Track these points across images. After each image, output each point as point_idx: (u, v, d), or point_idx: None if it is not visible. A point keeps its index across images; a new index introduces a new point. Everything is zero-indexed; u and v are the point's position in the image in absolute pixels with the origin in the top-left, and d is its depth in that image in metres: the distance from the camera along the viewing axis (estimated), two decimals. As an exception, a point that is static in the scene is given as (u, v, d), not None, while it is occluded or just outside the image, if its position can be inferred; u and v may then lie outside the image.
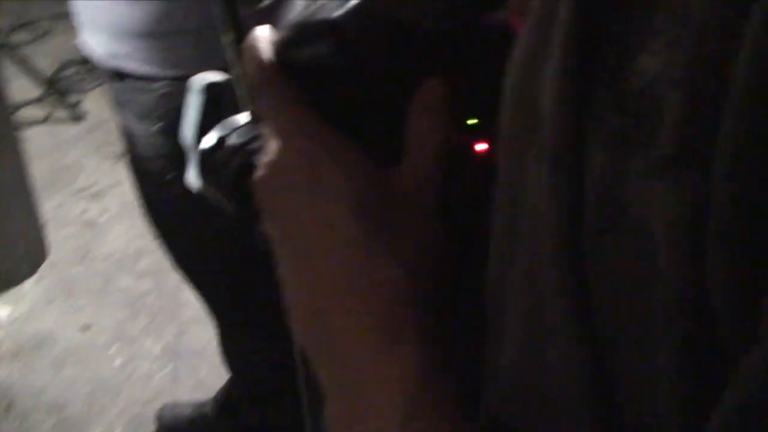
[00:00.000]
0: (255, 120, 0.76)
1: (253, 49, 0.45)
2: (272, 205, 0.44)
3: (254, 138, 0.74)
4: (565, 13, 0.31)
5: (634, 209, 0.28)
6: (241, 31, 0.68)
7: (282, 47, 0.43)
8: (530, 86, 0.33)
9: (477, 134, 0.46)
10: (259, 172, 0.45)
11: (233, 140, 0.74)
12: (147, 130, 1.44)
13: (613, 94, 0.29)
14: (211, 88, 0.75)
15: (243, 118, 0.77)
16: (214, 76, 0.76)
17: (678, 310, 0.27)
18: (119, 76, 1.43)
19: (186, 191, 1.44)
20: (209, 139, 0.76)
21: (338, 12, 0.41)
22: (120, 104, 1.47)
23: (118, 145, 2.91)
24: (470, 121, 0.47)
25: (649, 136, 0.28)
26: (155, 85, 1.40)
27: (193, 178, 0.81)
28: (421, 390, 0.39)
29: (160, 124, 1.42)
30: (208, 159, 0.74)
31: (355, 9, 0.41)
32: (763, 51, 0.24)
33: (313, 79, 0.42)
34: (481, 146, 0.46)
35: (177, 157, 1.43)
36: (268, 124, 0.45)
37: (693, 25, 0.27)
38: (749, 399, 0.24)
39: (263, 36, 0.46)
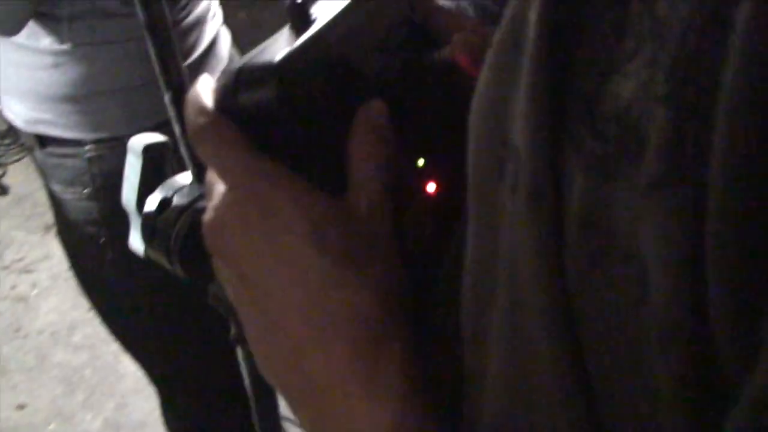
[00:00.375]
0: (199, 179, 0.74)
1: (194, 97, 0.44)
2: (225, 249, 0.43)
3: (200, 197, 0.72)
4: (531, 42, 0.30)
5: (622, 236, 0.27)
6: (181, 89, 0.66)
7: (223, 93, 0.43)
8: (498, 117, 0.33)
9: (426, 174, 0.46)
10: (207, 216, 0.44)
11: (178, 201, 0.72)
12: (76, 196, 1.40)
13: (588, 120, 0.29)
14: (150, 150, 0.73)
15: (185, 178, 0.76)
16: (152, 137, 0.74)
17: (673, 338, 0.26)
18: (43, 142, 1.39)
19: (120, 255, 1.42)
20: (152, 202, 0.75)
21: (278, 56, 0.41)
22: (47, 171, 1.43)
23: (46, 217, 2.83)
24: (419, 162, 0.46)
25: (634, 158, 0.27)
26: (82, 149, 1.36)
27: (136, 242, 0.79)
28: (406, 410, 0.38)
29: (90, 189, 1.39)
30: (152, 222, 0.73)
31: (295, 52, 0.42)
32: (752, 52, 0.23)
33: (255, 122, 0.42)
34: (431, 186, 0.46)
35: (109, 222, 1.41)
36: (212, 168, 0.44)
37: (671, 40, 0.26)
38: (752, 423, 0.24)
39: (204, 84, 0.45)
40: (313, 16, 0.44)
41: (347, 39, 0.45)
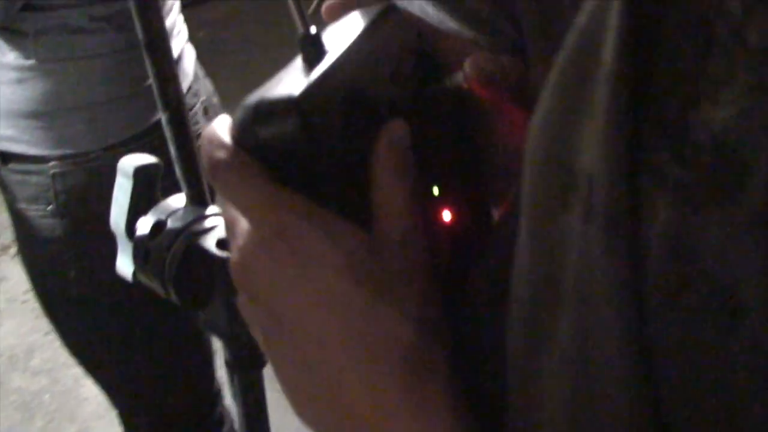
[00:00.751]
0: (193, 202, 0.73)
1: (212, 133, 0.43)
2: (256, 288, 0.42)
3: (195, 221, 0.71)
4: (609, 67, 0.30)
5: (713, 267, 0.27)
6: (180, 109, 0.65)
7: (241, 127, 0.42)
8: (562, 143, 0.32)
9: (442, 203, 0.46)
10: (233, 256, 0.43)
11: (172, 224, 0.71)
12: (40, 213, 1.37)
13: (674, 148, 0.28)
14: (141, 171, 0.72)
15: (179, 200, 0.74)
16: (143, 159, 0.73)
17: None
18: (6, 159, 1.36)
19: (84, 274, 1.40)
20: (144, 225, 0.73)
21: (298, 89, 0.41)
22: (9, 188, 1.40)
23: (1, 238, 2.75)
24: (434, 191, 0.46)
25: (732, 189, 0.26)
26: (46, 166, 1.34)
27: (124, 266, 0.77)
28: None
29: (53, 206, 1.36)
30: (145, 246, 0.71)
31: (314, 84, 0.41)
32: None
33: (276, 156, 0.42)
34: (447, 215, 0.46)
35: (73, 239, 1.39)
36: (234, 204, 0.43)
37: None
38: None
39: (221, 121, 0.44)
40: (325, 47, 0.44)
41: (362, 69, 0.45)
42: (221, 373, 1.63)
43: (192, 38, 1.49)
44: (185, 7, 1.47)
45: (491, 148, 0.51)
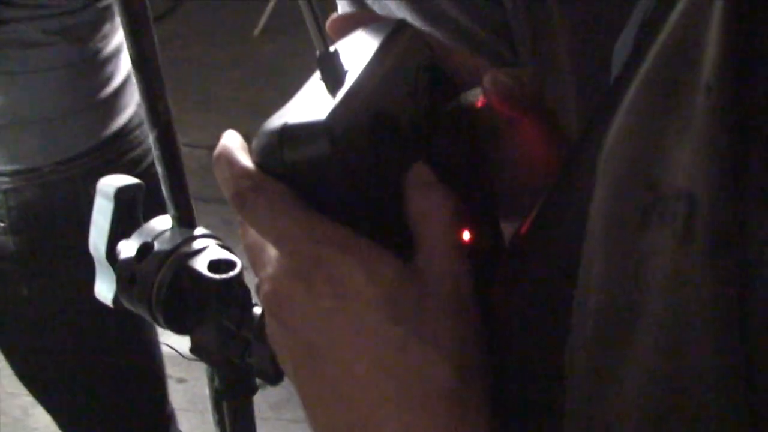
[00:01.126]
0: (180, 224, 0.71)
1: (230, 157, 0.42)
2: (289, 319, 0.40)
3: (183, 243, 0.69)
4: (710, 84, 0.29)
5: None
6: (169, 127, 0.63)
7: (267, 152, 0.41)
8: (647, 163, 0.32)
9: (461, 222, 0.45)
10: (266, 287, 0.41)
11: (159, 247, 0.68)
12: (-10, 231, 1.32)
13: None
14: (123, 193, 0.69)
15: (164, 222, 0.72)
16: (124, 180, 0.70)
17: None
18: (-47, 175, 1.31)
19: (37, 293, 1.35)
20: (128, 248, 0.70)
21: (324, 111, 0.40)
22: (-42, 206, 1.35)
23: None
24: None
25: None
26: (-3, 181, 1.29)
27: (104, 291, 0.74)
28: None
29: (5, 223, 1.31)
30: (130, 270, 0.68)
31: (341, 106, 0.41)
32: None
33: (306, 182, 0.40)
34: (466, 234, 0.45)
35: (25, 257, 1.34)
36: (263, 232, 0.41)
37: None
38: None
39: (233, 141, 0.43)
40: (344, 66, 0.44)
41: (384, 89, 0.44)
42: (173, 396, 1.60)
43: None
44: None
45: (507, 164, 0.51)
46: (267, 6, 3.82)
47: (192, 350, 0.69)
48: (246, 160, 0.42)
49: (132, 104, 1.31)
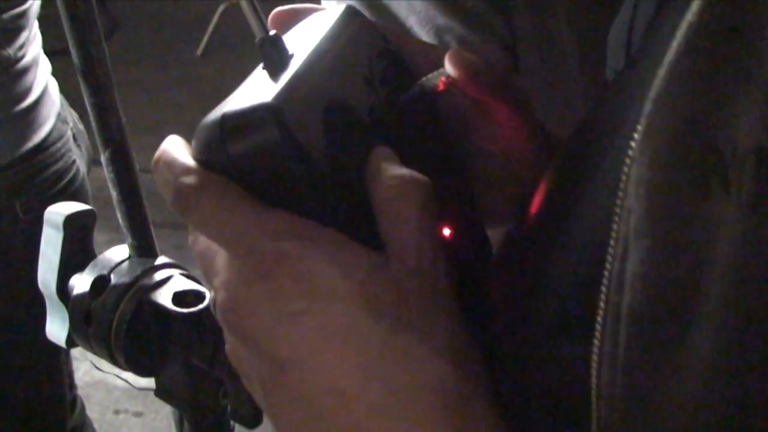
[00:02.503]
0: (139, 253, 0.64)
1: (169, 157, 0.37)
2: (250, 332, 0.35)
3: (143, 274, 0.62)
4: None
5: None
6: (123, 145, 0.56)
7: (207, 146, 0.36)
8: (704, 120, 0.28)
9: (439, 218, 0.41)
10: (219, 296, 0.36)
11: (117, 280, 0.61)
12: None
13: None
14: (73, 221, 0.62)
15: (120, 252, 0.65)
16: (73, 207, 0.63)
17: None
18: None
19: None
20: (82, 283, 0.63)
21: (269, 94, 0.35)
22: None
23: None
24: None
25: None
26: None
27: (56, 330, 0.67)
28: None
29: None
30: (85, 307, 0.61)
31: (288, 88, 0.36)
32: None
33: (255, 173, 0.36)
34: (445, 230, 0.41)
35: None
36: (211, 235, 0.36)
37: None
38: None
39: (174, 142, 0.38)
40: (288, 51, 0.39)
41: (335, 73, 0.40)
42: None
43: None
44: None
45: (476, 153, 0.47)
46: (208, 26, 3.76)
47: (157, 393, 0.62)
48: (187, 159, 0.36)
49: (51, 117, 1.27)
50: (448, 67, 0.43)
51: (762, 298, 0.27)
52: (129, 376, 2.43)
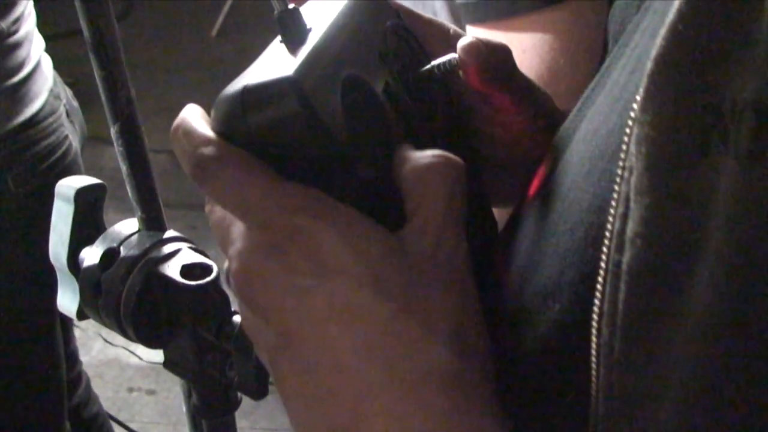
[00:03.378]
0: (148, 226, 0.64)
1: (188, 127, 0.37)
2: (262, 301, 0.36)
3: (152, 247, 0.62)
4: None
5: None
6: (132, 119, 0.57)
7: (228, 117, 0.36)
8: (705, 79, 0.28)
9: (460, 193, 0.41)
10: (233, 265, 0.36)
11: (126, 253, 0.62)
12: None
13: None
14: (83, 194, 0.63)
15: (130, 226, 0.66)
16: (84, 180, 0.64)
17: None
18: None
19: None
20: (92, 255, 0.64)
21: (289, 68, 0.36)
22: None
23: None
24: None
25: None
26: None
27: (67, 302, 0.68)
28: None
29: None
30: (95, 279, 0.62)
31: (308, 62, 0.37)
32: None
33: (275, 146, 0.36)
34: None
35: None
36: (229, 206, 0.37)
37: None
38: None
39: (193, 111, 0.38)
40: (307, 24, 0.40)
41: (351, 47, 0.41)
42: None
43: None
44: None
45: (484, 140, 0.48)
46: (223, 6, 3.76)
47: (166, 365, 0.63)
48: (206, 130, 0.37)
49: (44, 92, 1.27)
50: (461, 54, 0.43)
51: (759, 246, 0.27)
52: (142, 351, 2.44)
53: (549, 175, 0.40)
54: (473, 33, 0.70)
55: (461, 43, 0.43)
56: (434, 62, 0.45)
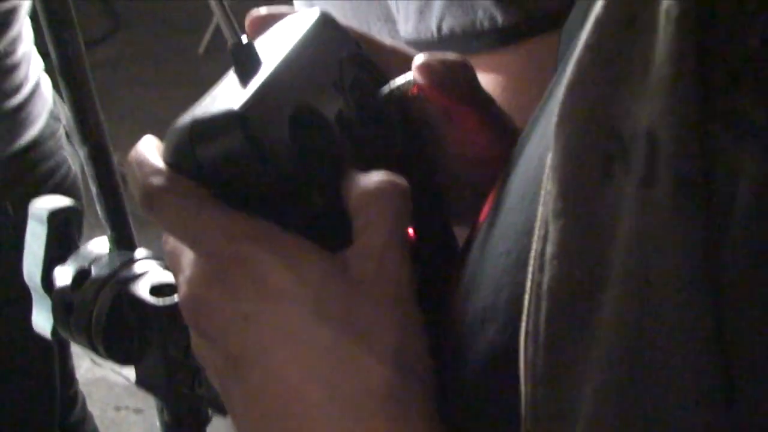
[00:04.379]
0: (118, 245, 0.65)
1: (141, 158, 0.39)
2: (210, 327, 0.37)
3: (122, 267, 0.63)
4: (672, 10, 0.27)
5: None
6: (101, 142, 0.58)
7: (176, 149, 0.38)
8: (604, 110, 0.30)
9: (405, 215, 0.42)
10: (182, 292, 0.38)
11: (97, 272, 0.63)
12: None
13: (758, 89, 0.25)
14: (57, 215, 0.64)
15: (101, 245, 0.67)
16: (58, 201, 0.65)
17: None
18: None
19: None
20: (64, 275, 0.65)
21: (236, 102, 0.37)
22: None
23: None
24: None
25: None
26: None
27: (42, 322, 0.69)
28: None
29: None
30: (67, 298, 0.63)
31: (256, 95, 0.38)
32: None
33: (221, 177, 0.38)
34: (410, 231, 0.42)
35: None
36: (178, 235, 0.38)
37: None
38: None
39: (147, 143, 0.40)
40: (259, 58, 0.41)
41: (304, 79, 0.42)
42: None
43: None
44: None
45: (446, 159, 0.49)
46: (210, 24, 3.78)
47: (137, 383, 0.64)
48: (157, 160, 0.39)
49: (43, 114, 1.26)
50: (416, 75, 0.44)
51: (652, 272, 0.28)
52: (129, 372, 2.46)
53: (496, 199, 0.41)
54: None
55: (416, 62, 0.44)
56: (391, 84, 0.46)
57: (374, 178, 0.39)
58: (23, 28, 1.22)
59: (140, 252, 0.65)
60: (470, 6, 0.68)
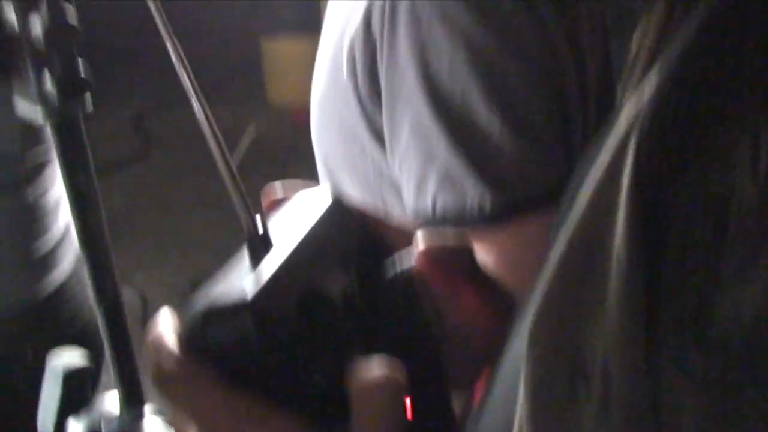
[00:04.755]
0: (128, 406, 0.68)
1: (157, 339, 0.43)
2: None
3: (132, 423, 0.66)
4: (620, 257, 0.29)
5: None
6: (117, 304, 0.61)
7: (191, 333, 0.43)
8: (568, 333, 0.32)
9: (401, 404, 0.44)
10: None
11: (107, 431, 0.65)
12: None
13: (698, 337, 0.27)
14: (71, 377, 0.67)
15: (112, 403, 0.69)
16: (74, 361, 0.68)
17: None
18: None
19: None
20: (75, 430, 0.67)
21: (249, 290, 0.41)
22: None
23: None
24: None
25: None
26: None
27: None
28: None
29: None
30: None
31: (265, 288, 0.42)
32: None
33: (231, 362, 0.42)
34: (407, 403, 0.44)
35: None
36: (186, 414, 0.42)
37: None
38: None
39: (165, 323, 0.44)
40: (272, 243, 0.45)
41: (312, 262, 0.45)
42: None
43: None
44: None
45: (449, 333, 0.50)
46: (240, 146, 3.86)
47: None
48: (171, 344, 0.42)
49: (70, 257, 1.26)
50: (418, 261, 0.47)
51: None
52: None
53: (486, 389, 0.43)
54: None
55: (418, 248, 0.47)
56: (396, 267, 0.49)
57: (374, 372, 0.41)
58: (55, 171, 1.25)
59: (149, 409, 0.67)
60: (460, 189, 0.70)
